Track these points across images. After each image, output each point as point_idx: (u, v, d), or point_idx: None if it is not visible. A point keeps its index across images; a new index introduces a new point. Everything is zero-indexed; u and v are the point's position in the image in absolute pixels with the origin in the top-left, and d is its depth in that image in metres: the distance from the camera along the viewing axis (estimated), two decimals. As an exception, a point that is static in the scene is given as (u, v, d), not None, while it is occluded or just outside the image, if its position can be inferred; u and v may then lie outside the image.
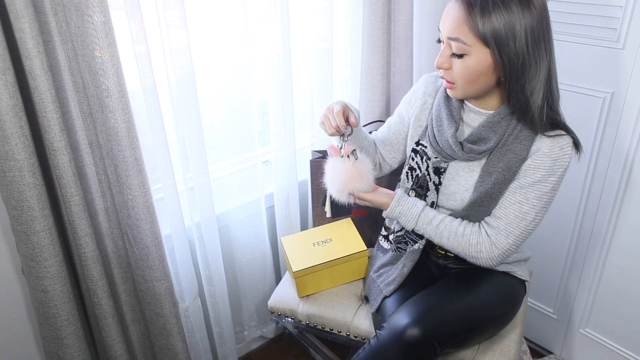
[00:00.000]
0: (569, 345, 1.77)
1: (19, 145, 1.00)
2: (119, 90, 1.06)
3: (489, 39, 0.99)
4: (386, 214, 1.22)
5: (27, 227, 1.07)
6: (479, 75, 1.05)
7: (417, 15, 1.68)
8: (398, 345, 1.07)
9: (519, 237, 1.14)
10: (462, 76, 1.06)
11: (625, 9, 1.32)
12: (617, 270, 1.56)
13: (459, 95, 1.12)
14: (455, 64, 1.06)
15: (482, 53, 1.02)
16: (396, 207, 1.20)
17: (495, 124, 1.11)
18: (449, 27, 1.03)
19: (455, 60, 1.05)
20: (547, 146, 1.08)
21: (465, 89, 1.09)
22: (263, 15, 1.41)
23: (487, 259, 1.16)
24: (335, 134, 1.17)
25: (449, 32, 1.03)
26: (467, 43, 1.01)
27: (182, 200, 1.38)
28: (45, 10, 0.98)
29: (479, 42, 1.00)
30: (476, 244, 1.15)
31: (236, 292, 1.70)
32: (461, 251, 1.18)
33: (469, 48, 1.02)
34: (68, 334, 1.19)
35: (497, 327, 1.23)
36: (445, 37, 1.05)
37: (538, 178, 1.09)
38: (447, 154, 1.17)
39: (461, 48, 1.02)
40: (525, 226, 1.13)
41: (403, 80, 1.70)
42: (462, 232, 1.16)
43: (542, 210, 1.12)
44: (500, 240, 1.14)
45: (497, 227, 1.14)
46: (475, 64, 1.03)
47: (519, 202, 1.11)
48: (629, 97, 1.38)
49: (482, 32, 0.99)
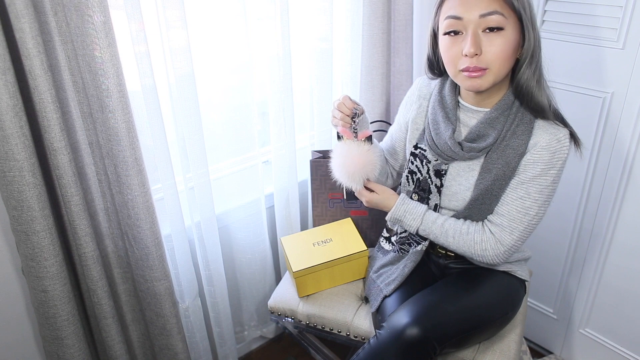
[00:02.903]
0: (569, 345, 1.77)
1: (19, 145, 1.00)
2: (119, 90, 1.06)
3: (522, 11, 1.01)
4: (392, 213, 1.23)
5: (27, 227, 1.07)
6: (513, 52, 1.05)
7: (417, 16, 1.68)
8: (398, 345, 1.07)
9: (523, 233, 1.13)
10: (499, 55, 1.03)
11: (625, 9, 1.32)
12: (617, 270, 1.56)
13: (490, 82, 1.06)
14: (491, 43, 1.02)
15: (515, 28, 1.03)
16: (401, 205, 1.21)
17: (494, 119, 1.12)
18: (481, 4, 1.01)
19: (491, 38, 1.02)
20: (545, 140, 1.08)
21: (498, 73, 1.05)
22: (263, 15, 1.41)
23: (494, 256, 1.16)
24: (349, 115, 1.19)
25: (484, 7, 1.00)
26: (505, 15, 1.01)
27: (182, 200, 1.38)
28: (45, 10, 0.98)
29: (513, 15, 1.02)
30: (481, 242, 1.15)
31: (236, 292, 1.70)
32: (467, 250, 1.17)
33: (506, 21, 1.01)
34: (68, 334, 1.19)
35: (497, 327, 1.22)
36: (475, 16, 1.01)
37: (538, 172, 1.09)
38: (448, 155, 1.17)
39: (500, 21, 1.01)
40: (529, 221, 1.12)
41: (403, 80, 1.70)
42: (466, 230, 1.16)
43: (544, 204, 1.12)
44: (505, 237, 1.14)
45: (500, 225, 1.14)
46: (512, 38, 1.03)
47: (521, 197, 1.11)
48: (629, 97, 1.38)
49: (517, 6, 1.01)
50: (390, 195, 1.25)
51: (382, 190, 1.25)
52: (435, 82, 1.24)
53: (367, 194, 1.25)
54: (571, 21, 1.43)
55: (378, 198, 1.25)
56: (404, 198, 1.23)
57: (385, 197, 1.25)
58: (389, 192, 1.25)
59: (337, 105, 1.21)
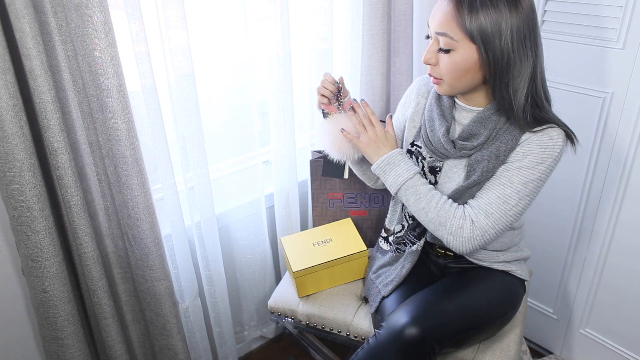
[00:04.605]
0: (569, 345, 1.77)
1: (19, 145, 1.00)
2: (119, 90, 1.06)
3: (476, 35, 1.01)
4: (389, 155, 1.17)
5: (27, 227, 1.07)
6: (465, 71, 1.06)
7: (417, 16, 1.68)
8: (397, 345, 1.07)
9: (498, 220, 1.10)
10: (448, 72, 1.08)
11: (625, 9, 1.32)
12: (617, 270, 1.56)
13: (446, 91, 1.13)
14: (442, 60, 1.07)
15: (469, 49, 1.03)
16: (399, 153, 1.18)
17: (486, 119, 1.12)
18: (437, 22, 1.05)
19: (442, 55, 1.07)
20: (537, 135, 1.08)
21: (452, 85, 1.10)
22: (263, 15, 1.41)
23: (467, 237, 1.10)
24: (333, 91, 1.22)
25: (437, 27, 1.05)
26: (454, 38, 1.03)
27: (182, 200, 1.38)
28: (45, 10, 0.98)
29: (466, 38, 1.02)
30: (460, 217, 1.11)
31: (236, 292, 1.70)
32: (443, 222, 1.12)
33: (455, 43, 1.03)
34: (68, 334, 1.19)
35: (497, 326, 1.22)
36: (433, 32, 1.07)
37: (525, 163, 1.08)
38: (441, 152, 1.17)
39: (448, 43, 1.04)
40: (506, 210, 1.09)
41: (403, 80, 1.70)
42: (450, 203, 1.13)
43: (525, 197, 1.09)
44: (480, 219, 1.10)
45: (477, 207, 1.11)
46: (461, 59, 1.04)
47: (503, 184, 1.10)
48: (629, 97, 1.38)
49: (469, 29, 1.00)
50: (393, 138, 1.21)
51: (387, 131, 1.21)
52: None
53: (370, 126, 1.18)
54: (571, 21, 1.43)
55: (381, 132, 1.18)
56: (404, 152, 1.20)
57: (389, 136, 1.20)
58: (392, 137, 1.21)
59: (322, 83, 1.23)
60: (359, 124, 1.19)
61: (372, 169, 1.20)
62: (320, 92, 1.24)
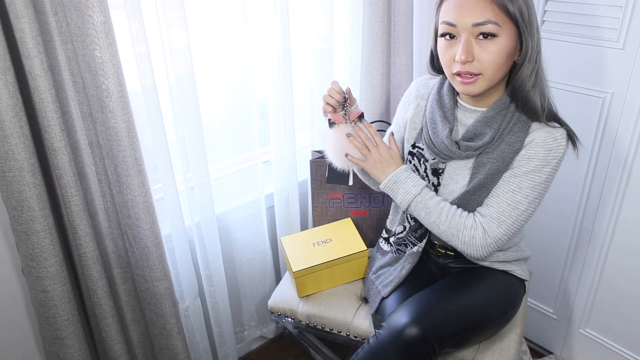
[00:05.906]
0: (569, 345, 1.77)
1: (19, 145, 1.00)
2: (119, 90, 1.06)
3: (518, 16, 1.01)
4: (395, 173, 1.18)
5: (27, 227, 1.07)
6: (507, 57, 1.05)
7: (417, 16, 1.68)
8: (397, 345, 1.07)
9: (510, 227, 1.11)
10: (493, 61, 1.04)
11: (625, 9, 1.32)
12: (617, 270, 1.56)
13: (481, 88, 1.08)
14: (484, 51, 1.03)
15: (512, 32, 1.03)
16: (406, 169, 1.19)
17: (490, 118, 1.12)
18: (474, 14, 1.01)
19: (483, 45, 1.03)
20: (541, 137, 1.09)
21: (491, 78, 1.06)
22: (263, 15, 1.41)
23: (480, 246, 1.13)
24: (340, 100, 1.20)
25: (476, 17, 1.01)
26: (499, 23, 1.01)
27: (182, 200, 1.38)
28: (45, 10, 0.98)
29: (508, 21, 1.02)
30: (471, 227, 1.13)
31: (236, 292, 1.70)
32: (455, 233, 1.14)
33: (499, 29, 1.02)
34: (68, 334, 1.19)
35: (497, 326, 1.22)
36: (467, 26, 1.02)
37: (532, 167, 1.09)
38: (445, 154, 1.17)
39: (494, 29, 1.01)
40: (518, 216, 1.11)
41: (403, 80, 1.70)
42: (459, 213, 1.14)
43: (534, 201, 1.11)
44: (493, 228, 1.12)
45: (489, 216, 1.12)
46: (506, 44, 1.03)
47: (512, 190, 1.11)
48: (629, 97, 1.38)
49: (512, 11, 1.00)
50: (397, 156, 1.22)
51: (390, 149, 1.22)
52: (434, 82, 1.24)
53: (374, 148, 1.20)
54: (571, 21, 1.43)
55: (386, 152, 1.20)
56: (408, 167, 1.21)
57: (393, 155, 1.21)
58: (397, 154, 1.22)
59: (328, 92, 1.22)
60: (363, 147, 1.19)
61: (381, 188, 1.22)
62: (325, 100, 1.23)
